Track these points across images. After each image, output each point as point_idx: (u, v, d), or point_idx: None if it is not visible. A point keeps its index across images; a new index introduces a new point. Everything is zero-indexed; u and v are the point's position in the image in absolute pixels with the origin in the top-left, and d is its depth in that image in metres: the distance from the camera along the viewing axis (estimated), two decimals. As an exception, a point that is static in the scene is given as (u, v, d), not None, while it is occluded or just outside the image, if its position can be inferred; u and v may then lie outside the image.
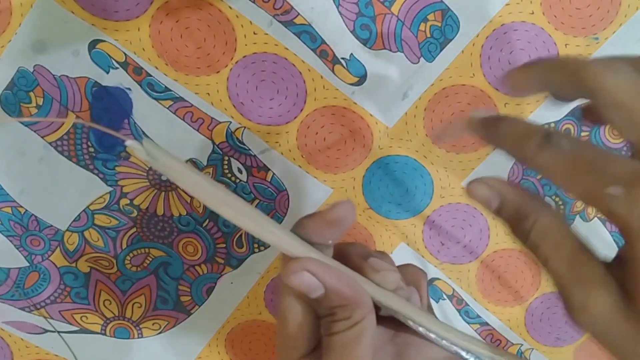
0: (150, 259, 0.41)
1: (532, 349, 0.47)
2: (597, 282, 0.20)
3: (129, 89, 0.36)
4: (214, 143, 0.38)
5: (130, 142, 0.21)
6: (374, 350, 0.23)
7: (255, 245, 0.41)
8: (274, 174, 0.39)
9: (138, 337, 0.43)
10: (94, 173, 0.38)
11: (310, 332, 0.24)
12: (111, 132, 0.22)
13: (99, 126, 0.22)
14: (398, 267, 0.28)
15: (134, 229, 0.40)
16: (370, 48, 0.37)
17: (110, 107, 0.37)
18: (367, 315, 0.23)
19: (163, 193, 0.39)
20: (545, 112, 0.40)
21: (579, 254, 0.21)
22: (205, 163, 0.39)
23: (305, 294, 0.23)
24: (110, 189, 0.38)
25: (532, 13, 0.38)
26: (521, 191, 0.23)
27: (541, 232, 0.21)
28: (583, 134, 0.41)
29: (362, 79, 0.38)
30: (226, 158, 0.39)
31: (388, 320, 0.26)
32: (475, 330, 0.45)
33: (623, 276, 0.20)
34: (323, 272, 0.22)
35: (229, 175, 0.39)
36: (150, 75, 0.36)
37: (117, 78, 0.36)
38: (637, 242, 0.19)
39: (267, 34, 0.36)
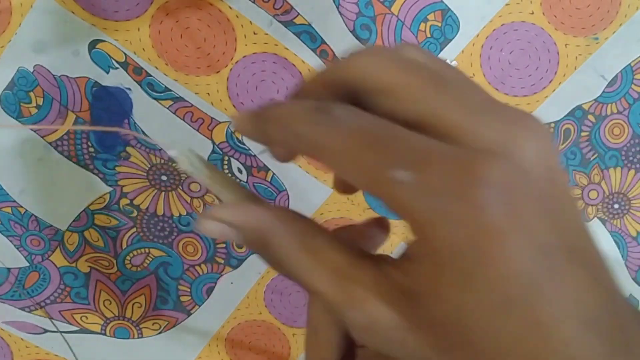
0: (150, 259, 0.41)
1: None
2: (372, 293, 0.16)
3: (129, 89, 0.36)
4: (214, 143, 0.38)
5: (173, 152, 0.21)
6: None
7: (255, 245, 0.41)
8: (274, 174, 0.39)
9: (138, 337, 0.43)
10: (94, 173, 0.38)
11: (338, 344, 0.24)
12: (154, 141, 0.21)
13: (144, 136, 0.22)
14: None
15: (134, 229, 0.40)
16: (370, 48, 0.37)
17: (110, 107, 0.37)
18: None
19: (163, 193, 0.39)
20: (545, 112, 0.40)
21: (349, 264, 0.17)
22: (205, 163, 0.39)
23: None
24: (110, 189, 0.38)
25: (532, 13, 0.38)
26: (256, 206, 0.19)
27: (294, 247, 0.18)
28: (583, 134, 0.41)
29: (362, 79, 0.38)
30: (226, 158, 0.39)
31: None
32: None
33: (409, 278, 0.16)
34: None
35: (229, 175, 0.39)
36: (150, 75, 0.36)
37: (117, 78, 0.36)
38: (426, 238, 0.15)
39: (267, 34, 0.36)
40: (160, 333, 0.43)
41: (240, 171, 0.39)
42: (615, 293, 0.16)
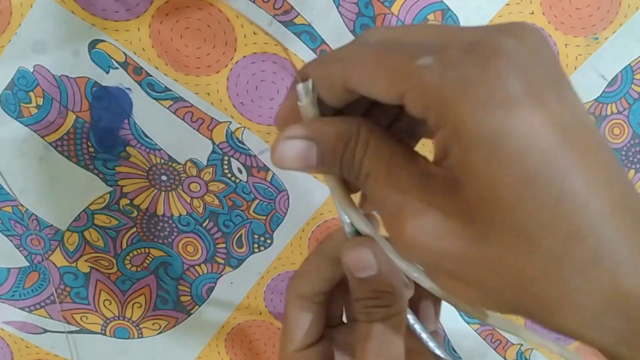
0: (150, 259, 0.41)
1: (532, 349, 0.47)
2: (420, 199, 0.17)
3: (129, 89, 0.36)
4: (214, 143, 0.38)
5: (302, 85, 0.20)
6: None
7: (255, 245, 0.41)
8: (274, 174, 0.39)
9: (138, 337, 0.43)
10: (94, 173, 0.38)
11: (305, 330, 0.25)
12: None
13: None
14: None
15: (134, 229, 0.40)
16: (370, 48, 0.37)
17: (110, 107, 0.37)
18: (404, 309, 0.23)
19: (163, 193, 0.39)
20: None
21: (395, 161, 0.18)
22: (205, 163, 0.39)
23: (352, 271, 0.23)
24: (110, 189, 0.39)
25: (532, 13, 0.38)
26: (335, 119, 0.20)
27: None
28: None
29: (362, 79, 0.38)
30: (226, 158, 0.39)
31: None
32: (475, 330, 0.46)
33: (444, 169, 0.17)
34: (381, 255, 0.22)
35: (229, 175, 0.39)
36: (150, 75, 0.36)
37: (117, 78, 0.36)
38: (452, 118, 0.16)
39: (267, 34, 0.36)
40: (160, 333, 0.43)
41: (240, 171, 0.39)
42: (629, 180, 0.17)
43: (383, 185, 0.18)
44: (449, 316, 0.45)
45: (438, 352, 0.25)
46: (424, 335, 0.25)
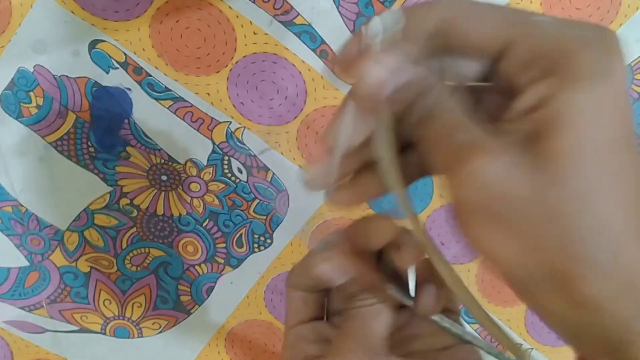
0: (150, 259, 0.41)
1: (532, 348, 0.47)
2: (492, 142, 0.17)
3: (129, 89, 0.36)
4: (214, 143, 0.38)
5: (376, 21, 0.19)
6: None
7: (255, 245, 0.41)
8: (274, 174, 0.39)
9: (138, 337, 0.43)
10: (94, 173, 0.38)
11: (296, 310, 0.27)
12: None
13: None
14: None
15: (134, 229, 0.40)
16: (370, 48, 0.37)
17: (110, 107, 0.37)
18: (385, 299, 0.25)
19: (163, 193, 0.39)
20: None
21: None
22: (205, 163, 0.39)
23: (328, 281, 0.25)
24: (110, 188, 0.39)
25: (532, 13, 0.38)
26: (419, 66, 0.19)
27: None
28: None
29: (362, 79, 0.38)
30: (226, 158, 0.39)
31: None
32: (475, 330, 0.46)
33: (534, 138, 0.17)
34: (347, 263, 0.24)
35: (229, 175, 0.39)
36: (150, 75, 0.36)
37: (117, 78, 0.36)
38: (566, 61, 0.17)
39: (267, 34, 0.36)
40: (160, 333, 0.43)
41: (240, 171, 0.39)
42: None
43: (451, 127, 0.18)
44: (449, 316, 0.45)
45: (447, 326, 0.27)
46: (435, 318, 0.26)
